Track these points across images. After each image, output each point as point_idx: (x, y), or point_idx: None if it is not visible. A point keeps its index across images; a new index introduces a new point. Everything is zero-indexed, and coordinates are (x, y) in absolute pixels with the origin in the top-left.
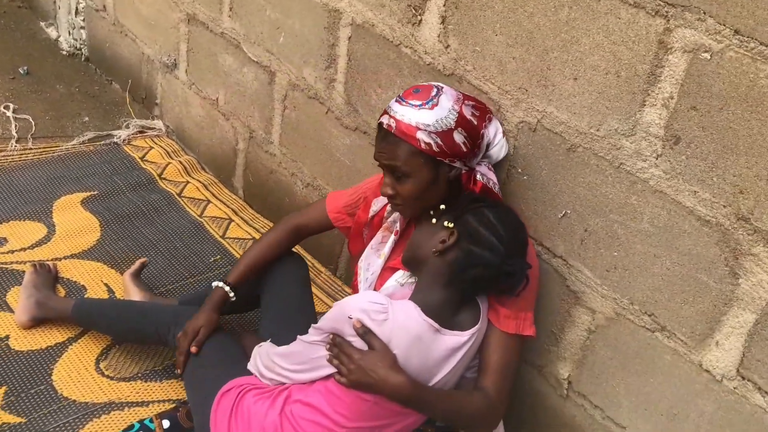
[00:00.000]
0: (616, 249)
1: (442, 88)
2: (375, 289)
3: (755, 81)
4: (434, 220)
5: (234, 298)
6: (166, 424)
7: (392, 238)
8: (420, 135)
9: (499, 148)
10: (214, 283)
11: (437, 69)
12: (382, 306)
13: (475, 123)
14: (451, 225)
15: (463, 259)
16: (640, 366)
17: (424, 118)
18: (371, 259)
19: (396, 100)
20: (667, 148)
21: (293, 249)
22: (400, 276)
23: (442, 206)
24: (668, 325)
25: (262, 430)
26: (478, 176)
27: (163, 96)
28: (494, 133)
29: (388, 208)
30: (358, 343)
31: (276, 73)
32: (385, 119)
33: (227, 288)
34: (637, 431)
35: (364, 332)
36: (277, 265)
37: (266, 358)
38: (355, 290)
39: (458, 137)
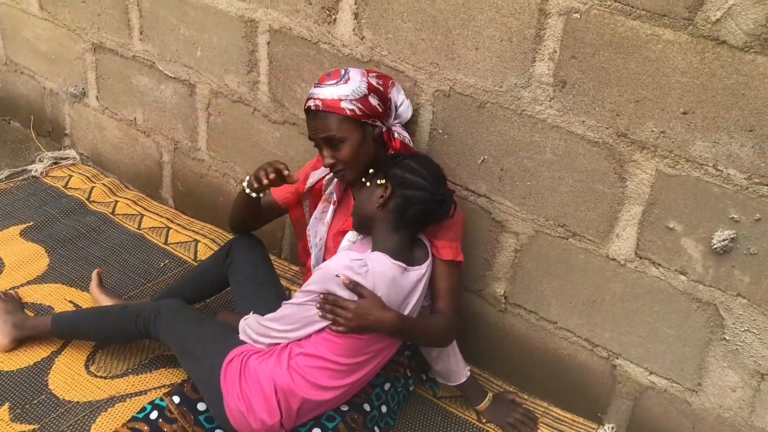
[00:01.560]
0: (529, 179)
1: (348, 69)
2: (327, 248)
3: (615, 29)
4: (368, 184)
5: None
6: (176, 399)
7: (331, 207)
8: (344, 104)
9: (405, 108)
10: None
11: (356, 58)
12: (362, 261)
13: (382, 89)
14: (383, 181)
15: (402, 203)
16: (560, 269)
17: (343, 90)
18: (317, 228)
19: (315, 87)
20: (557, 92)
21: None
22: (351, 236)
23: (371, 170)
24: (578, 231)
25: (274, 385)
26: (396, 134)
27: (73, 125)
28: (398, 96)
29: (325, 182)
30: (346, 295)
31: (196, 84)
32: (311, 102)
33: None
34: (566, 323)
35: (354, 285)
36: (240, 247)
37: (258, 327)
38: (307, 252)
39: (373, 100)
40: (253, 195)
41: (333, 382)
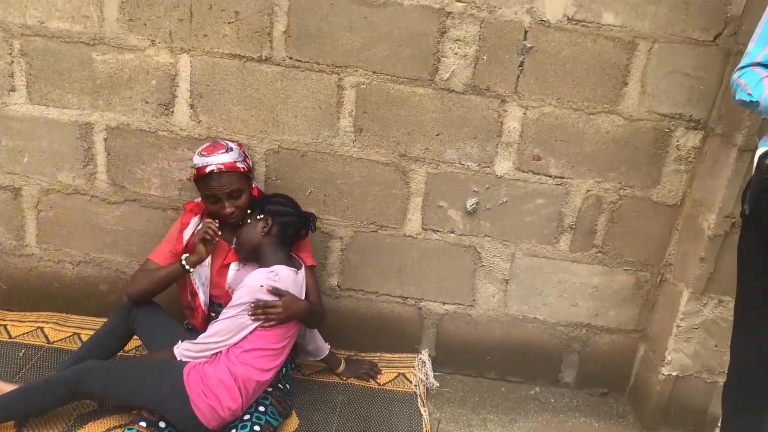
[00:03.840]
0: (346, 197)
1: (224, 141)
2: (214, 284)
3: (389, 91)
4: (249, 221)
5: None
6: (143, 424)
7: None
8: (239, 164)
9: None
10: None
11: (194, 137)
12: (273, 272)
13: (246, 153)
14: (262, 216)
15: (282, 228)
16: (375, 253)
17: (233, 155)
18: (200, 270)
19: (207, 156)
20: (357, 136)
21: None
22: (235, 266)
23: (249, 211)
24: (384, 223)
25: (234, 377)
26: (254, 184)
27: None
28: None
29: (194, 234)
30: (271, 299)
31: (22, 188)
32: (213, 167)
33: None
34: (384, 290)
35: (275, 290)
36: (140, 306)
37: (196, 347)
38: (194, 292)
39: (248, 161)
40: (191, 269)
41: (272, 363)
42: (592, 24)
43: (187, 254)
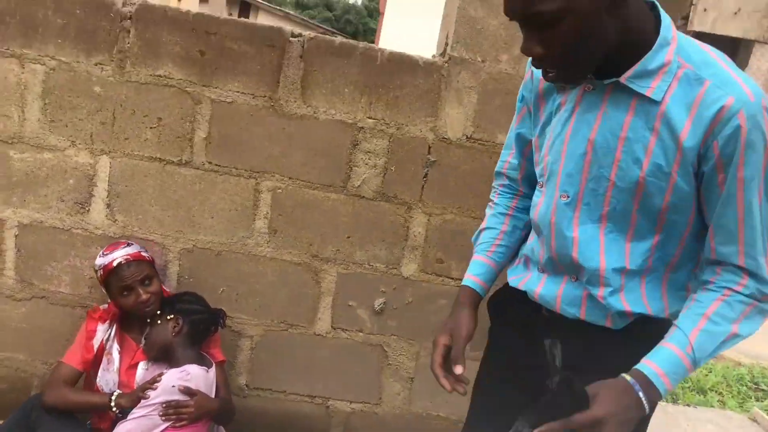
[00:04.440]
0: (258, 296)
1: (124, 240)
2: (122, 383)
3: (304, 196)
4: (159, 321)
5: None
6: None
7: (117, 356)
8: (143, 254)
9: None
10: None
11: (108, 236)
12: (185, 371)
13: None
14: (172, 316)
15: (192, 325)
16: (285, 352)
17: (136, 248)
18: (108, 377)
19: (111, 253)
20: (272, 237)
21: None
22: (143, 365)
23: (158, 312)
24: (294, 322)
25: None
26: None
27: None
28: None
29: (103, 341)
30: (183, 398)
31: None
32: (120, 259)
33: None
34: (292, 389)
35: (187, 389)
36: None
37: None
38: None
39: (150, 255)
40: (115, 410)
41: None
42: (488, 142)
43: (120, 393)
